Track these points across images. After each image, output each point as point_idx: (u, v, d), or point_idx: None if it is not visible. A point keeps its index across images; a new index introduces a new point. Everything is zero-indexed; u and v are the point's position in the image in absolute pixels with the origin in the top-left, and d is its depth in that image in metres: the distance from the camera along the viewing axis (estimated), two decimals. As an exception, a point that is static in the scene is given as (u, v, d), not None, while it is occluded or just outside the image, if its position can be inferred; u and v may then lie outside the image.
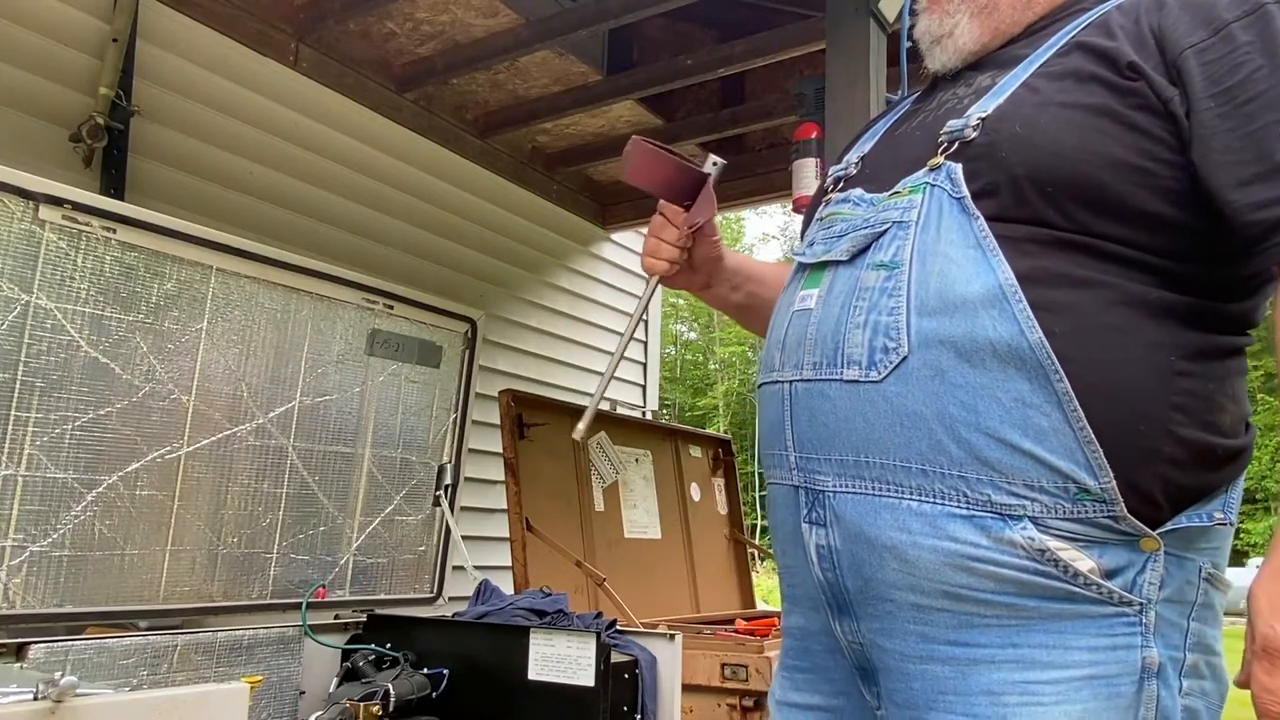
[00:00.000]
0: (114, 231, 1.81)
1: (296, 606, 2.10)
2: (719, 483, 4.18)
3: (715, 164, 1.33)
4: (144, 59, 2.90)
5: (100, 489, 1.79)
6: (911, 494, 0.98)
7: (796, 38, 3.35)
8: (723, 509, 4.16)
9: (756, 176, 4.52)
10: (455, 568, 2.57)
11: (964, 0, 1.18)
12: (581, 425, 1.30)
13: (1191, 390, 0.97)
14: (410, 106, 3.84)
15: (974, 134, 1.04)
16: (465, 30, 3.49)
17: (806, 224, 1.32)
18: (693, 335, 33.31)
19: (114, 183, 2.78)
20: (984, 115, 1.05)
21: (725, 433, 4.75)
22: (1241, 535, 23.06)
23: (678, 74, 3.65)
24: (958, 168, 1.03)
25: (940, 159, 1.05)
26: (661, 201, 1.35)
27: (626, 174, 1.33)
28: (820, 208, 1.24)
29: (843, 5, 2.45)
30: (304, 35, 3.37)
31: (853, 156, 1.26)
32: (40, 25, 2.68)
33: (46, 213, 1.71)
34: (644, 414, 5.29)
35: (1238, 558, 22.18)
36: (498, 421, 3.07)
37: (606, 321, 5.13)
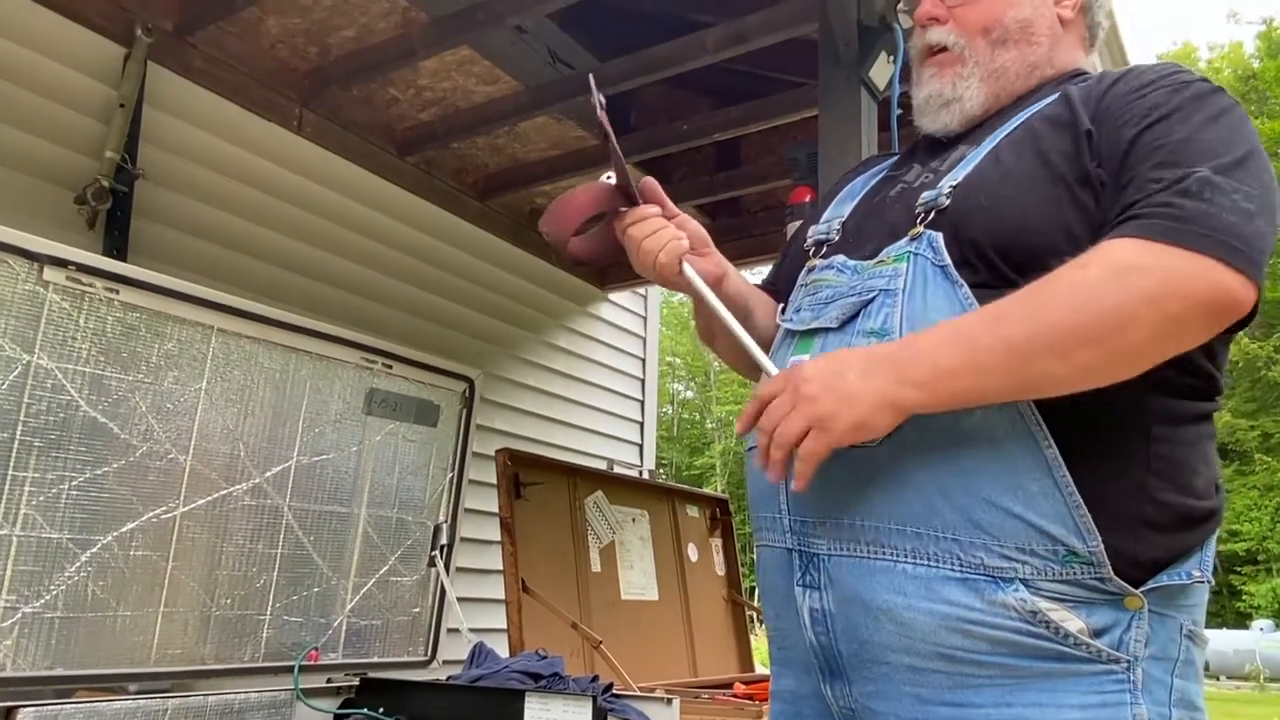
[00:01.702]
0: (117, 292, 1.83)
1: (289, 669, 2.07)
2: (716, 543, 4.15)
3: (609, 176, 1.27)
4: (150, 123, 2.96)
5: (95, 549, 1.78)
6: (906, 557, 1.00)
7: (790, 104, 3.43)
8: (720, 570, 4.12)
9: (753, 238, 4.58)
10: (450, 630, 2.54)
11: (978, 65, 1.22)
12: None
13: (1167, 456, 1.00)
14: (411, 170, 3.90)
15: (947, 202, 1.08)
16: (466, 97, 3.57)
17: (787, 286, 1.34)
18: (690, 394, 33.32)
19: (117, 244, 2.82)
20: (955, 184, 1.09)
21: (722, 492, 4.72)
22: (1244, 597, 22.80)
23: (674, 138, 3.72)
24: (938, 236, 1.07)
25: (920, 228, 1.09)
26: (614, 228, 1.27)
27: (568, 237, 1.25)
28: (804, 273, 1.26)
29: (834, 74, 2.52)
30: (308, 101, 3.45)
31: (833, 222, 1.29)
32: (49, 91, 2.74)
33: (50, 274, 1.73)
34: (641, 473, 5.28)
35: (1240, 620, 21.90)
36: (494, 481, 3.06)
37: (605, 381, 5.15)
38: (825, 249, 1.25)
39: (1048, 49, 1.22)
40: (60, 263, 1.74)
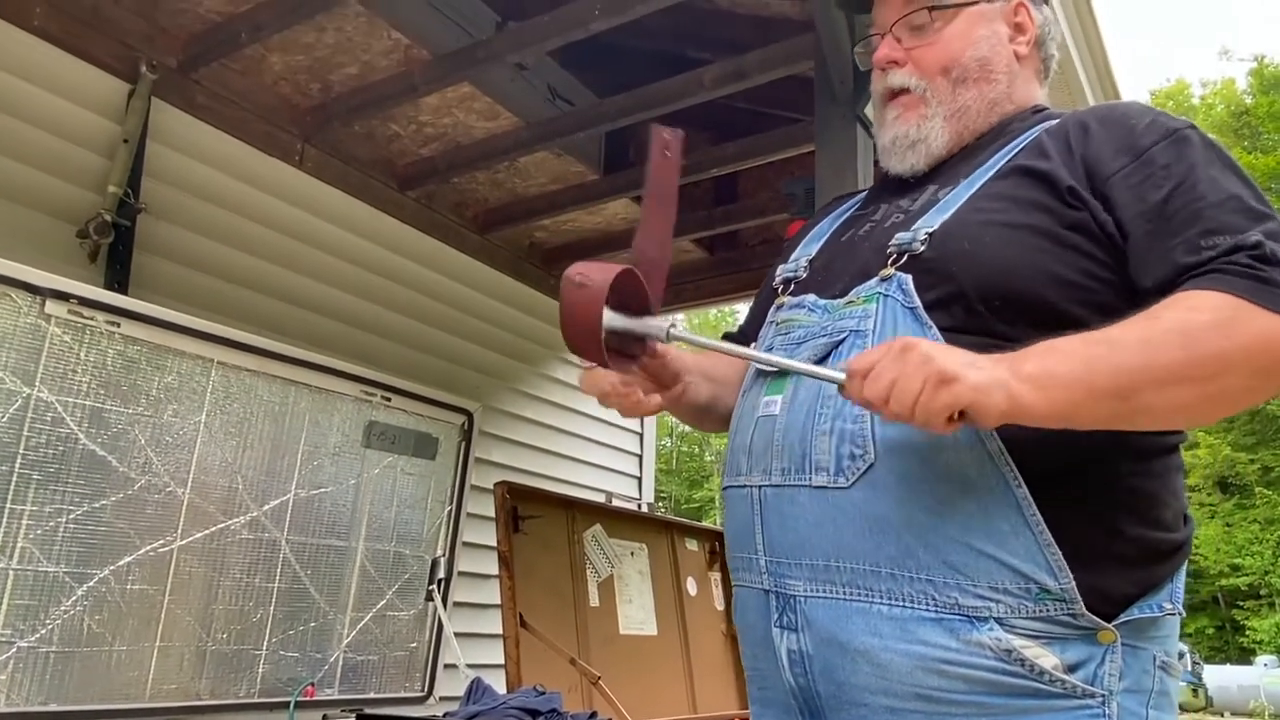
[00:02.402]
0: (118, 326, 1.84)
1: (284, 705, 2.06)
2: (715, 577, 4.13)
3: (674, 329, 1.11)
4: (153, 158, 2.99)
5: (91, 583, 1.77)
6: (882, 598, 1.01)
7: (787, 140, 3.46)
8: (719, 604, 4.09)
9: (750, 272, 4.62)
10: (447, 665, 2.53)
11: (940, 104, 1.23)
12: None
13: (1136, 489, 1.02)
14: (412, 204, 3.93)
15: (922, 248, 1.09)
16: (467, 132, 3.61)
17: (757, 322, 1.34)
18: (688, 427, 33.24)
19: (118, 277, 2.83)
20: (931, 230, 1.10)
21: (721, 525, 4.69)
22: (1247, 632, 22.61)
23: (672, 173, 3.75)
24: (908, 279, 1.08)
25: (891, 270, 1.10)
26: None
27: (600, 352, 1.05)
28: (773, 310, 1.27)
29: (830, 110, 2.55)
30: (310, 136, 3.48)
31: (800, 259, 1.29)
32: (54, 127, 2.76)
33: (53, 307, 1.74)
34: (640, 506, 5.26)
35: (1244, 656, 21.70)
36: (493, 514, 3.05)
37: (603, 414, 5.14)
38: (794, 286, 1.26)
39: (1006, 86, 1.24)
40: (62, 296, 1.76)
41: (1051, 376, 0.92)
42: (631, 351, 1.13)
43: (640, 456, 5.43)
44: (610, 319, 1.04)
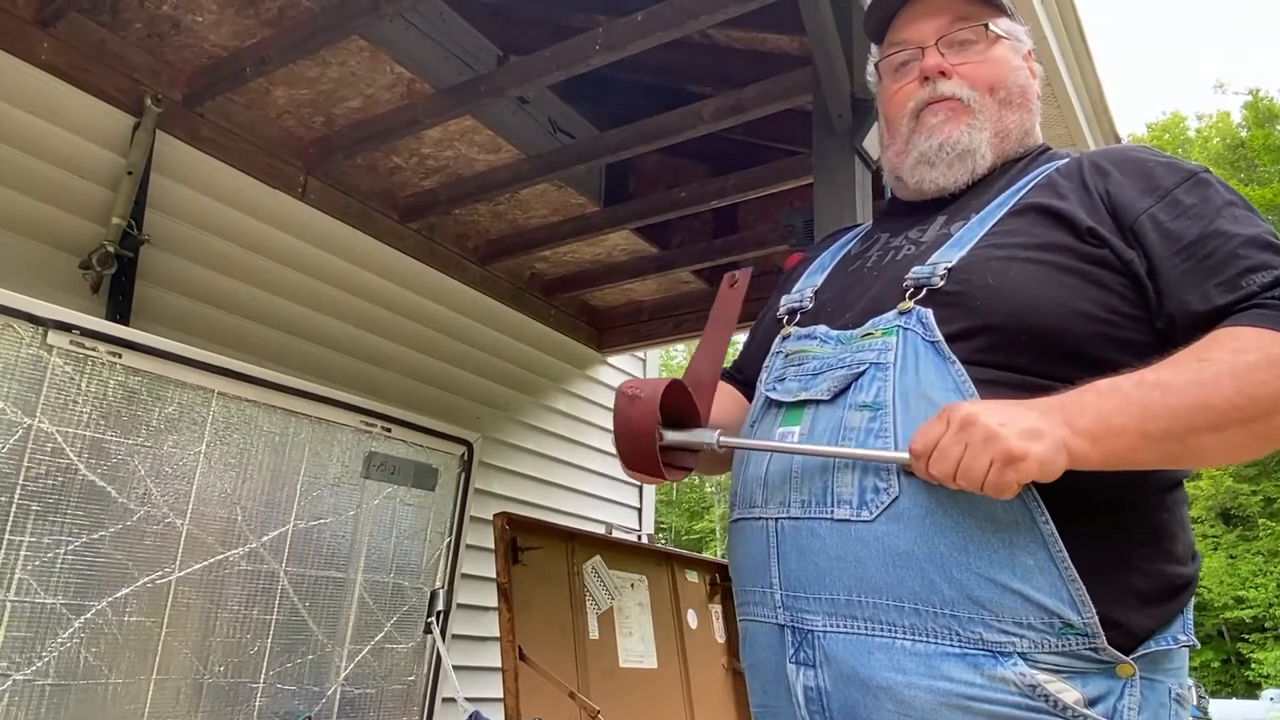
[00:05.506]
0: (119, 356, 1.84)
1: (281, 740, 2.04)
2: (716, 609, 4.10)
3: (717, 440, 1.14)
4: (156, 190, 3.01)
5: (88, 615, 1.76)
6: (905, 633, 1.00)
7: (786, 173, 3.49)
8: (720, 637, 4.06)
9: (749, 302, 4.59)
10: (445, 699, 2.50)
11: (989, 120, 1.22)
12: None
13: (1150, 524, 1.02)
14: (413, 235, 3.95)
15: (941, 282, 1.09)
16: (468, 165, 3.64)
17: (759, 353, 1.33)
18: (688, 458, 33.08)
19: (120, 308, 2.84)
20: (950, 265, 1.10)
21: (722, 557, 4.68)
22: (1253, 666, 22.40)
23: (672, 205, 3.78)
24: (928, 313, 1.08)
25: (910, 304, 1.10)
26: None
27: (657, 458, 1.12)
28: (779, 341, 1.27)
29: (829, 143, 2.57)
30: (313, 168, 3.51)
31: (805, 290, 1.30)
32: (59, 159, 2.79)
33: (55, 338, 1.75)
34: (640, 537, 5.23)
35: (1250, 689, 21.48)
36: (492, 545, 3.04)
37: (603, 444, 5.13)
38: (800, 317, 1.26)
39: (1035, 119, 1.26)
40: (65, 327, 1.76)
41: (1108, 428, 0.94)
42: (683, 463, 1.19)
43: (640, 488, 5.41)
44: (668, 436, 1.12)
